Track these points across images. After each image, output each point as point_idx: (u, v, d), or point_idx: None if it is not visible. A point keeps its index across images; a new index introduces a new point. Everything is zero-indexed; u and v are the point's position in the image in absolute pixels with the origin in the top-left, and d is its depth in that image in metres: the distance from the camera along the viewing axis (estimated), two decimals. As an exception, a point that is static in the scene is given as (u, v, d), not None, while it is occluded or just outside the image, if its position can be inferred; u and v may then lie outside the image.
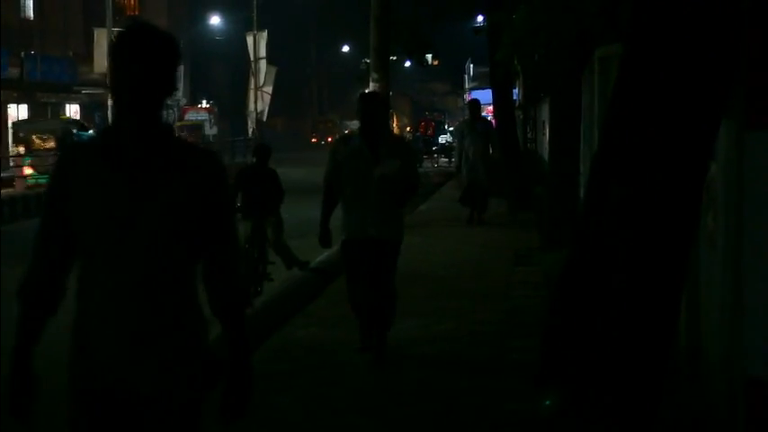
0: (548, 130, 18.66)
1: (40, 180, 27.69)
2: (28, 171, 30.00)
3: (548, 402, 4.58)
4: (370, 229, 7.74)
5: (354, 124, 58.04)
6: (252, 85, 56.37)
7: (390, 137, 8.38)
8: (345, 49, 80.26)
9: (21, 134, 35.00)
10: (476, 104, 19.21)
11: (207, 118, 59.45)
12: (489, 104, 28.84)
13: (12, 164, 32.03)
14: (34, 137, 34.06)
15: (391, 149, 7.83)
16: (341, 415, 6.63)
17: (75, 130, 34.04)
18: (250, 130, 56.68)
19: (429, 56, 29.77)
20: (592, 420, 4.41)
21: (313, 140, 77.96)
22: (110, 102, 35.68)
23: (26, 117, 42.19)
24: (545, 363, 4.71)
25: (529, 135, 29.72)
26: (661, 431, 4.78)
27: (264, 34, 55.55)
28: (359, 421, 6.51)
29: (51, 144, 33.00)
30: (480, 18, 30.15)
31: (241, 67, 61.17)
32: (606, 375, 4.41)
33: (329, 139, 74.66)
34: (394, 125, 62.20)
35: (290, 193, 12.93)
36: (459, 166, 18.50)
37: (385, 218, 7.77)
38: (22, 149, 33.88)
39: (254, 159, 12.34)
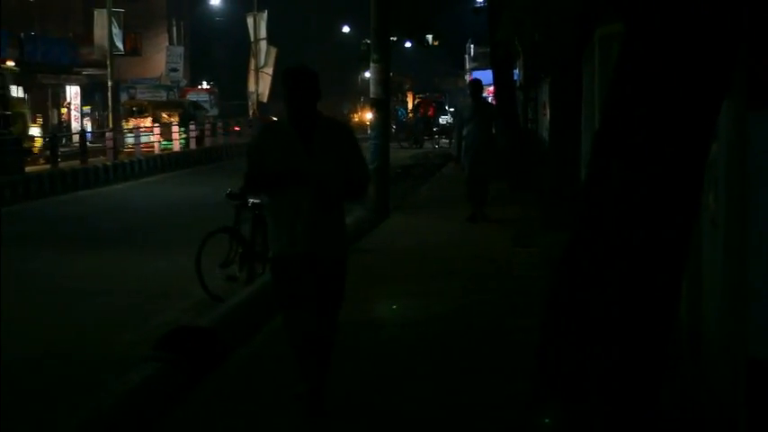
0: (548, 110, 18.62)
1: (168, 145, 37.35)
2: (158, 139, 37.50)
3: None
4: (303, 243, 6.08)
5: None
6: (252, 67, 56.31)
7: (328, 123, 6.25)
8: (346, 29, 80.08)
9: (135, 109, 42.68)
10: (477, 84, 16.52)
11: (207, 99, 59.41)
12: (490, 85, 28.81)
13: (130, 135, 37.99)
14: (163, 113, 41.95)
15: (329, 139, 6.11)
16: (347, 393, 6.63)
17: (193, 109, 44.42)
18: (250, 112, 56.64)
19: (429, 36, 29.74)
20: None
21: None
22: (109, 83, 35.78)
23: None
24: (544, 349, 4.70)
25: (529, 115, 29.67)
26: (662, 413, 4.78)
27: (265, 15, 55.46)
28: (362, 400, 6.52)
29: (176, 119, 40.77)
30: (480, -2, 30.10)
31: (241, 49, 61.08)
32: (606, 360, 4.40)
33: None
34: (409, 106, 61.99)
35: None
36: (459, 156, 15.91)
37: (322, 228, 6.10)
38: (138, 123, 40.38)
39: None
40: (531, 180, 19.46)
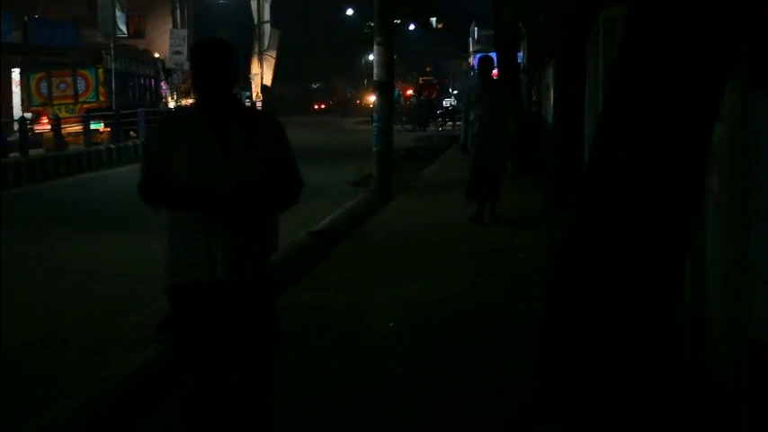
0: (552, 93, 18.58)
1: None
2: None
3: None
4: (216, 268, 4.51)
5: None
6: (256, 50, 56.25)
7: (250, 114, 4.85)
8: (349, 12, 79.93)
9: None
10: (488, 62, 14.14)
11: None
12: (494, 67, 28.72)
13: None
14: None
15: (251, 135, 4.61)
16: (344, 377, 6.64)
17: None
18: (254, 95, 56.62)
19: (433, 19, 29.66)
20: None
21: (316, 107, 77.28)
22: (113, 66, 35.72)
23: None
24: (545, 341, 4.70)
25: (533, 98, 29.64)
26: (664, 394, 4.78)
27: (268, -3, 55.39)
28: (361, 384, 6.52)
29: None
30: (485, -20, 29.99)
31: (245, 32, 61.01)
32: (610, 344, 4.40)
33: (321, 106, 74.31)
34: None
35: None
36: (466, 145, 13.63)
37: (242, 248, 4.55)
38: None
39: None
40: (535, 162, 19.44)
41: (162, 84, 44.10)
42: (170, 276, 4.60)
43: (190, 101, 43.29)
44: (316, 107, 76.11)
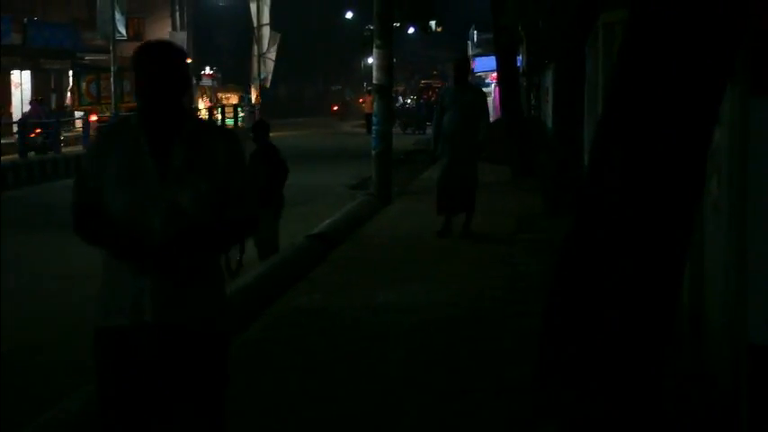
0: (551, 96, 18.60)
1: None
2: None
3: None
4: (147, 309, 3.75)
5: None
6: (255, 52, 56.29)
7: (200, 127, 3.90)
8: (349, 15, 79.97)
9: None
10: (461, 64, 13.15)
11: (211, 84, 59.46)
12: (493, 71, 28.75)
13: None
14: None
15: (199, 153, 3.81)
16: (341, 381, 6.64)
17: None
18: (253, 97, 56.65)
19: (432, 22, 29.70)
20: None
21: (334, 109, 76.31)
22: (112, 68, 35.84)
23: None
24: (547, 333, 4.71)
25: (533, 102, 29.66)
26: (663, 397, 4.78)
27: (268, 0, 55.38)
28: (359, 387, 6.53)
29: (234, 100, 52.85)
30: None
31: (244, 34, 61.06)
32: (608, 345, 4.41)
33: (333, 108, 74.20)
34: None
35: (291, 159, 12.86)
36: (436, 149, 12.73)
37: (178, 287, 3.77)
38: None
39: (252, 136, 11.74)
40: (535, 166, 19.45)
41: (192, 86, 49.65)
42: (96, 318, 3.90)
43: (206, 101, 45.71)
44: (335, 108, 75.47)
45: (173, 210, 3.73)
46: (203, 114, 46.92)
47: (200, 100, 52.55)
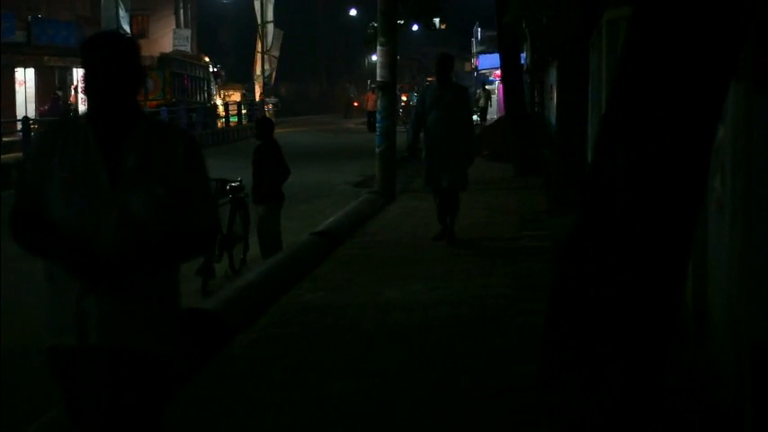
0: (555, 93, 18.59)
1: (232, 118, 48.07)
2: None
3: None
4: (89, 331, 3.49)
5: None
6: (259, 49, 56.33)
7: (154, 128, 3.58)
8: (353, 12, 79.91)
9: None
10: (444, 61, 12.15)
11: (214, 81, 59.53)
12: (497, 68, 28.74)
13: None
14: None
15: (152, 156, 3.52)
16: (345, 379, 6.65)
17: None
18: (257, 94, 56.69)
19: (437, 19, 29.67)
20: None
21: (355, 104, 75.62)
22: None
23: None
24: (551, 329, 4.71)
25: (536, 99, 29.66)
26: (666, 394, 4.79)
27: (271, -2, 55.47)
28: (363, 385, 6.53)
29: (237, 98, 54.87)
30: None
31: (248, 32, 61.07)
32: (611, 344, 4.41)
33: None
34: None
35: (295, 156, 12.84)
36: (413, 147, 12.40)
37: (126, 307, 3.49)
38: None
39: (256, 133, 11.80)
40: (538, 163, 19.45)
41: (211, 84, 52.20)
42: (46, 336, 3.60)
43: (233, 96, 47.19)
44: (356, 104, 74.88)
45: (125, 216, 3.43)
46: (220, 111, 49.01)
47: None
